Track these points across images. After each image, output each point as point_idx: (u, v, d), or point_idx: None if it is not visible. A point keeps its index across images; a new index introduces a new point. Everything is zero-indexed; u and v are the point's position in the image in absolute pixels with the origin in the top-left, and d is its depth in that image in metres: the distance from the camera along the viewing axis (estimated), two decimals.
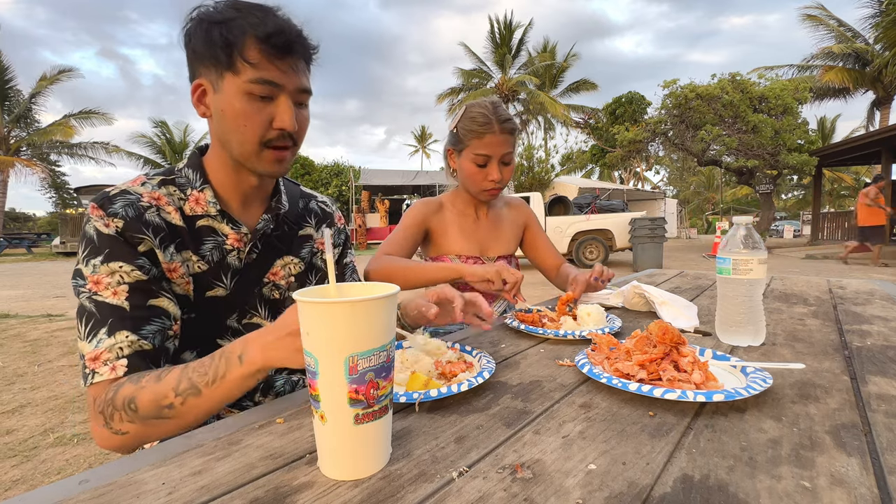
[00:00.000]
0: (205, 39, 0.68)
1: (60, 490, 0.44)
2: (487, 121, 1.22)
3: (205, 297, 0.76)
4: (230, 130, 0.71)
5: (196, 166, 0.78)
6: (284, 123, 0.71)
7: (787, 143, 11.87)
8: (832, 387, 0.66)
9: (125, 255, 0.67)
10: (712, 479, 0.43)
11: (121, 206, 0.69)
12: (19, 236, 19.96)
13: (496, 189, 1.29)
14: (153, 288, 0.68)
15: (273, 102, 0.71)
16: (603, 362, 0.72)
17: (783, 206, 39.08)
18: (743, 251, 0.85)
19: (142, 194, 0.72)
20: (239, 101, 0.69)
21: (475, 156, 1.24)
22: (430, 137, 52.44)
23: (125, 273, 0.66)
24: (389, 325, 0.46)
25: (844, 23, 17.85)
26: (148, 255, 0.70)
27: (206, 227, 0.77)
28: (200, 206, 0.76)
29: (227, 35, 0.66)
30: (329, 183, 23.39)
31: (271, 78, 0.68)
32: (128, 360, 0.63)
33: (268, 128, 0.71)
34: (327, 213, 0.98)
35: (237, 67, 0.67)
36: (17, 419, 2.32)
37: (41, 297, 6.45)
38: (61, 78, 20.60)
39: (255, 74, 0.67)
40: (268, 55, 0.67)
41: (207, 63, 0.69)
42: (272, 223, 0.84)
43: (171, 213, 0.74)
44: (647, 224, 8.35)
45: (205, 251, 0.76)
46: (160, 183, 0.76)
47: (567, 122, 25.03)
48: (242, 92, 0.68)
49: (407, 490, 0.43)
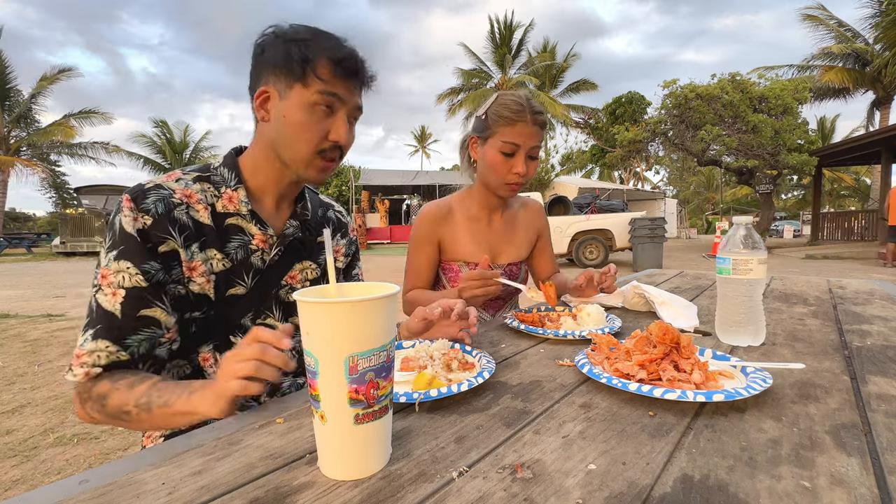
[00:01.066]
0: (283, 53, 0.74)
1: (60, 490, 0.44)
2: (521, 109, 1.17)
3: (225, 294, 0.79)
4: (289, 136, 0.76)
5: (231, 166, 0.82)
6: (340, 137, 0.77)
7: (787, 143, 11.87)
8: (832, 387, 0.66)
9: (136, 257, 0.70)
10: (712, 479, 0.43)
11: (152, 202, 0.73)
12: (19, 236, 19.94)
13: (518, 184, 1.23)
14: (149, 297, 0.71)
15: (332, 117, 0.77)
16: (603, 362, 0.72)
17: (783, 206, 39.07)
18: (743, 251, 0.85)
19: (174, 190, 0.76)
20: (303, 111, 0.75)
21: (503, 143, 1.18)
22: (429, 137, 52.47)
23: (129, 275, 0.69)
24: (389, 325, 0.46)
25: (844, 23, 17.84)
26: (168, 256, 0.73)
27: (234, 226, 0.80)
28: (233, 204, 0.80)
29: (306, 52, 0.73)
30: (329, 183, 23.37)
31: (336, 92, 0.76)
32: (102, 370, 0.68)
33: (324, 139, 0.77)
34: (343, 222, 1.02)
35: (308, 81, 0.74)
36: (17, 419, 2.32)
37: (41, 297, 6.45)
38: (61, 77, 20.58)
39: (323, 88, 0.74)
40: (337, 74, 0.75)
41: (279, 74, 0.75)
42: (299, 229, 0.87)
43: (201, 211, 0.77)
44: (646, 224, 8.35)
45: (230, 249, 0.79)
46: (195, 179, 0.80)
47: (567, 122, 25.04)
48: (309, 103, 0.75)
49: (407, 490, 0.43)
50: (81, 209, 14.90)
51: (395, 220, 21.25)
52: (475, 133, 1.26)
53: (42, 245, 18.93)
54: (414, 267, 1.29)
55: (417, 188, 21.51)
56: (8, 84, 19.85)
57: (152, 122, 25.83)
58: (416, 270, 1.29)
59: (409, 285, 1.30)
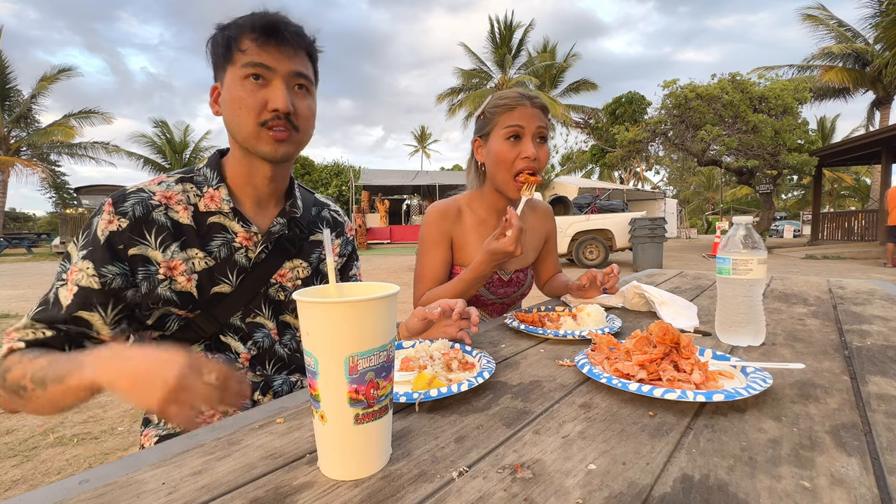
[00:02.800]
0: (213, 44, 0.78)
1: (60, 490, 0.44)
2: (517, 95, 1.15)
3: (210, 293, 0.79)
4: (232, 116, 0.77)
5: (214, 166, 0.83)
6: (277, 104, 0.75)
7: (787, 143, 11.87)
8: (832, 387, 0.66)
9: (98, 259, 0.72)
10: (712, 479, 0.43)
11: (130, 205, 0.75)
12: (19, 236, 19.95)
13: (531, 170, 1.12)
14: (94, 300, 0.71)
15: (268, 87, 0.76)
16: (603, 362, 0.72)
17: (783, 206, 39.06)
18: (743, 251, 0.85)
19: (154, 193, 0.78)
20: (237, 87, 0.75)
21: (506, 129, 1.12)
22: (429, 137, 52.47)
23: (86, 275, 0.72)
24: (389, 325, 0.46)
25: (844, 23, 17.84)
26: (139, 259, 0.74)
27: (217, 224, 0.81)
28: (214, 202, 0.81)
29: (228, 34, 0.75)
30: (329, 183, 23.38)
31: (261, 61, 0.74)
32: (25, 344, 0.68)
33: (262, 109, 0.76)
34: (339, 222, 1.02)
35: (234, 58, 0.75)
36: (17, 419, 2.32)
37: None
38: (60, 77, 20.57)
39: (247, 59, 0.74)
40: (258, 42, 0.74)
41: (217, 64, 0.78)
42: (286, 226, 0.87)
43: (181, 211, 0.78)
44: (647, 224, 8.34)
45: (212, 247, 0.80)
46: (178, 180, 0.81)
47: (567, 122, 25.03)
48: (239, 78, 0.75)
49: (407, 490, 0.43)
50: (81, 209, 14.89)
51: (395, 220, 21.25)
52: (477, 134, 1.23)
53: (42, 245, 18.93)
54: (428, 270, 1.20)
55: (417, 188, 21.51)
56: (8, 84, 19.83)
57: (152, 122, 25.86)
58: (431, 273, 1.20)
59: (424, 290, 1.20)
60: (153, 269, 0.75)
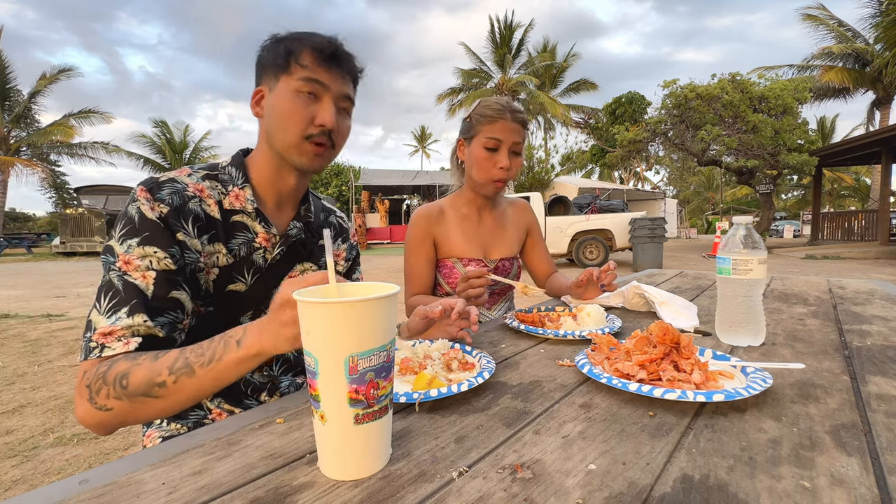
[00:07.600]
0: (271, 51, 0.80)
1: (60, 490, 0.44)
2: (501, 108, 1.25)
3: (225, 290, 0.80)
4: (277, 124, 0.79)
5: (239, 165, 0.84)
6: (325, 120, 0.78)
7: (787, 143, 11.87)
8: (832, 387, 0.66)
9: (162, 242, 0.71)
10: (712, 479, 0.43)
11: (168, 194, 0.75)
12: (19, 236, 19.92)
13: (503, 179, 1.28)
14: (178, 279, 0.72)
15: (318, 103, 0.79)
16: (603, 362, 0.72)
17: (783, 206, 39.05)
18: (743, 251, 0.85)
19: (187, 184, 0.78)
20: (289, 97, 0.78)
21: (486, 139, 1.25)
22: (429, 137, 52.45)
23: (157, 259, 0.70)
24: (389, 325, 0.46)
25: (844, 22, 17.84)
26: (182, 245, 0.74)
27: (240, 223, 0.82)
28: (239, 202, 0.82)
29: (289, 46, 0.78)
30: (329, 183, 23.36)
31: (319, 78, 0.78)
32: (142, 339, 0.66)
33: (310, 123, 0.79)
34: (344, 227, 1.05)
35: (291, 70, 0.78)
36: (17, 419, 2.32)
37: (41, 297, 6.45)
38: (60, 77, 20.56)
39: (305, 74, 0.77)
40: (318, 61, 0.78)
41: (269, 70, 0.80)
42: (303, 231, 0.89)
43: (211, 205, 0.80)
44: (646, 224, 8.34)
45: (234, 245, 0.81)
46: (204, 177, 0.82)
47: (567, 122, 25.03)
48: (293, 90, 0.78)
49: (407, 490, 0.43)
50: (81, 209, 14.85)
51: (395, 220, 21.23)
52: (461, 135, 1.34)
53: (42, 245, 18.93)
54: (413, 270, 1.32)
55: (417, 188, 21.49)
56: (8, 84, 19.82)
57: (152, 122, 25.84)
58: (417, 273, 1.32)
59: (411, 289, 1.32)
60: (194, 256, 0.75)
